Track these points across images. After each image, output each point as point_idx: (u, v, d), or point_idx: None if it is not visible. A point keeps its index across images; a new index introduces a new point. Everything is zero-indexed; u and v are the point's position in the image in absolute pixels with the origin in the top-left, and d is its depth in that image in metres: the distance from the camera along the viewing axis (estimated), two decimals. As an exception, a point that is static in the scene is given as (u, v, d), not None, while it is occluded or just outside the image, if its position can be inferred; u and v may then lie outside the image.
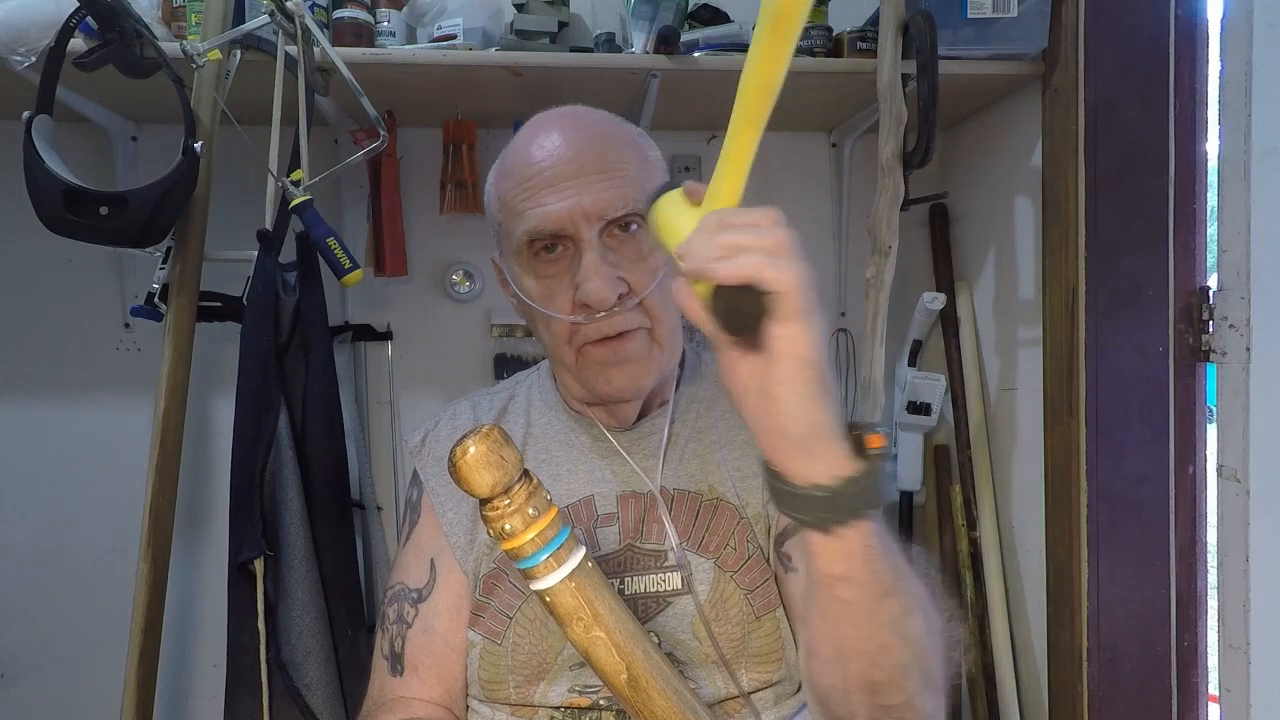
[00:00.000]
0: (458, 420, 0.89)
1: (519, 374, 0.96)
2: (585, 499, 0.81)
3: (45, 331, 1.51)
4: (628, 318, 0.76)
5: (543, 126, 0.79)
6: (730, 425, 0.87)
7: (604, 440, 0.84)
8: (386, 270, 1.46)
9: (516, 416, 0.88)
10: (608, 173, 0.75)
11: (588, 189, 0.74)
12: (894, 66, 1.23)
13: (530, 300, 0.78)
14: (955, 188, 1.56)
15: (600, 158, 0.75)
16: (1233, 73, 1.07)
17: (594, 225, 0.74)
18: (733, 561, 0.79)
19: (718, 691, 0.77)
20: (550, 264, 0.76)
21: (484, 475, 0.56)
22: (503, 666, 0.76)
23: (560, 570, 0.58)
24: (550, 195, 0.74)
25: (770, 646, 0.78)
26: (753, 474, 0.83)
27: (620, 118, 0.82)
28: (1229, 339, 1.10)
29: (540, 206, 0.74)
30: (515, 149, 0.79)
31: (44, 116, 1.08)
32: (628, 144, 0.79)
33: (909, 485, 1.55)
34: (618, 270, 0.75)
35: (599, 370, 0.78)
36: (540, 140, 0.77)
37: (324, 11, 1.27)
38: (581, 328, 0.76)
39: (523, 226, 0.75)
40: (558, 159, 0.75)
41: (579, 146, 0.76)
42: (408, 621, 0.81)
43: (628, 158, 0.77)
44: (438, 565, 0.82)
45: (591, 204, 0.74)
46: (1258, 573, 1.06)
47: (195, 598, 1.54)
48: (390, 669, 0.81)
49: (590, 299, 0.73)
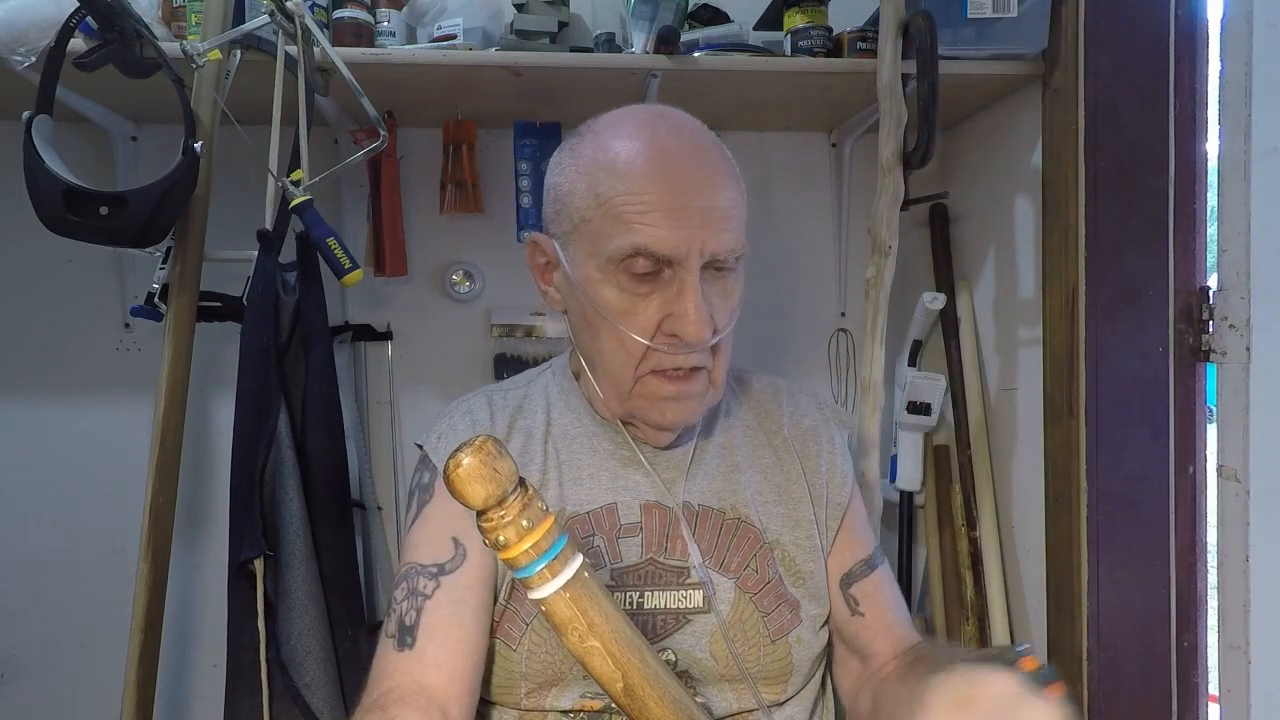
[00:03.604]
0: (475, 415, 0.86)
1: (527, 372, 0.94)
2: (608, 506, 0.80)
3: (45, 331, 1.51)
4: (701, 355, 0.75)
5: (659, 137, 0.74)
6: (754, 446, 0.87)
7: (628, 448, 0.83)
8: (386, 270, 1.46)
9: (534, 413, 0.86)
10: (728, 211, 0.74)
11: (711, 226, 0.72)
12: (894, 66, 1.23)
13: (604, 311, 0.75)
14: (955, 188, 1.56)
15: (722, 193, 0.74)
16: (1233, 73, 1.07)
17: (703, 259, 0.73)
18: (753, 583, 0.79)
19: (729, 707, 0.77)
20: (643, 282, 0.73)
21: (477, 488, 0.56)
22: (515, 673, 0.76)
23: (555, 581, 0.58)
24: (670, 220, 0.71)
25: (781, 670, 0.79)
26: (775, 500, 0.84)
27: (720, 141, 0.79)
28: (1229, 339, 1.10)
29: (657, 228, 0.71)
30: (628, 152, 0.73)
31: (44, 116, 1.08)
32: (733, 176, 0.77)
33: (909, 485, 1.55)
34: (709, 308, 0.74)
35: (654, 402, 0.77)
36: (659, 155, 0.73)
37: (324, 11, 1.27)
38: (656, 355, 0.74)
39: (630, 240, 0.71)
40: (684, 185, 0.72)
41: (704, 176, 0.73)
42: (425, 594, 0.74)
43: (737, 195, 0.76)
44: (464, 543, 0.76)
45: (713, 243, 0.72)
46: (1258, 573, 1.06)
47: (195, 598, 1.54)
48: (397, 643, 0.73)
49: (688, 334, 0.72)
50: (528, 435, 0.84)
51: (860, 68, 1.27)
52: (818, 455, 0.87)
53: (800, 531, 0.83)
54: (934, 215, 1.57)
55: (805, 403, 0.92)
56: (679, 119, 0.78)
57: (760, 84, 1.31)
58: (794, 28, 1.32)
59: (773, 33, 1.39)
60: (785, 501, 0.84)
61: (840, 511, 0.86)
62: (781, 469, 0.86)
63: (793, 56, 1.31)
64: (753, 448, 0.87)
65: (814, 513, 0.84)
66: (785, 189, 1.62)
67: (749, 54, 1.28)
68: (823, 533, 0.84)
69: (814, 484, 0.86)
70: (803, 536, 0.83)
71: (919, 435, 1.55)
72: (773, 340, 1.63)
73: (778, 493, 0.84)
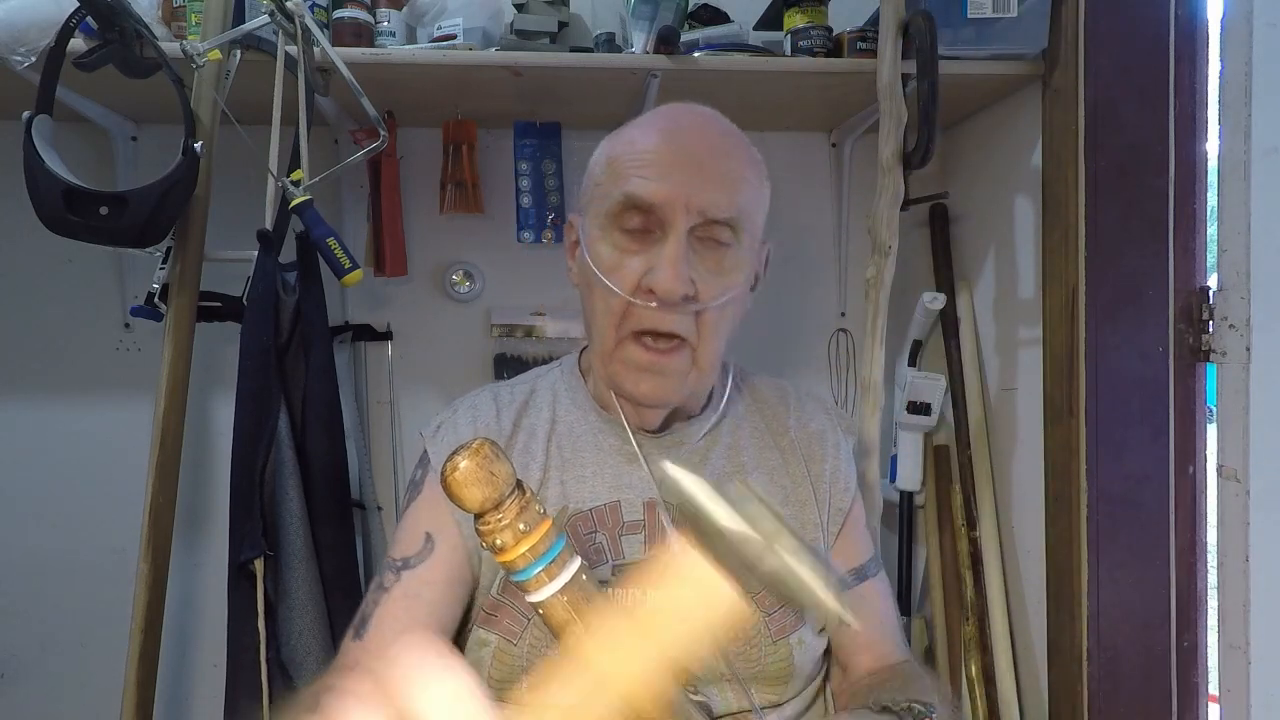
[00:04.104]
0: (479, 410, 0.87)
1: (537, 369, 0.95)
2: (611, 504, 0.81)
3: (45, 331, 1.51)
4: (680, 320, 0.75)
5: (677, 115, 0.80)
6: (761, 448, 0.87)
7: (633, 445, 0.83)
8: (386, 270, 1.46)
9: (540, 410, 0.86)
10: (724, 177, 0.75)
11: (700, 181, 0.74)
12: (894, 66, 1.23)
13: (596, 266, 0.77)
14: (955, 188, 1.56)
15: (722, 160, 0.76)
16: (1233, 73, 1.07)
17: (690, 218, 0.74)
18: None
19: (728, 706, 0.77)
20: (632, 238, 0.76)
21: (473, 491, 0.56)
22: (516, 668, 0.76)
23: (552, 585, 0.58)
24: (661, 173, 0.74)
25: (782, 671, 0.79)
26: (781, 502, 0.84)
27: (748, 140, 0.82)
28: (1229, 339, 1.10)
29: (648, 179, 0.74)
30: (643, 123, 0.80)
31: (44, 116, 1.08)
32: (750, 163, 0.79)
33: (909, 485, 1.55)
34: (693, 271, 0.75)
35: (630, 370, 0.78)
36: (671, 125, 0.78)
37: (324, 11, 1.27)
38: (634, 311, 0.75)
39: (622, 189, 0.75)
40: (682, 145, 0.76)
41: (706, 142, 0.77)
42: (385, 587, 0.77)
43: (746, 174, 0.78)
44: (435, 539, 0.79)
45: (698, 197, 0.74)
46: (1258, 573, 1.06)
47: (195, 598, 1.54)
48: (355, 633, 0.76)
49: (658, 287, 0.73)
50: (531, 432, 0.84)
51: (860, 68, 1.27)
52: (822, 459, 0.87)
53: (805, 534, 0.83)
54: (934, 215, 1.57)
55: (813, 407, 0.92)
56: (708, 111, 0.82)
57: (760, 84, 1.31)
58: (794, 28, 1.32)
59: (773, 33, 1.39)
60: (791, 503, 0.84)
61: (841, 517, 0.86)
62: (787, 471, 0.86)
63: (793, 56, 1.31)
64: (759, 449, 0.87)
65: (818, 516, 0.84)
66: (785, 189, 1.61)
67: (749, 54, 1.28)
68: (825, 535, 0.85)
69: (818, 487, 0.86)
70: (807, 539, 0.83)
71: (919, 435, 1.55)
72: (773, 340, 1.63)
73: (783, 495, 0.85)
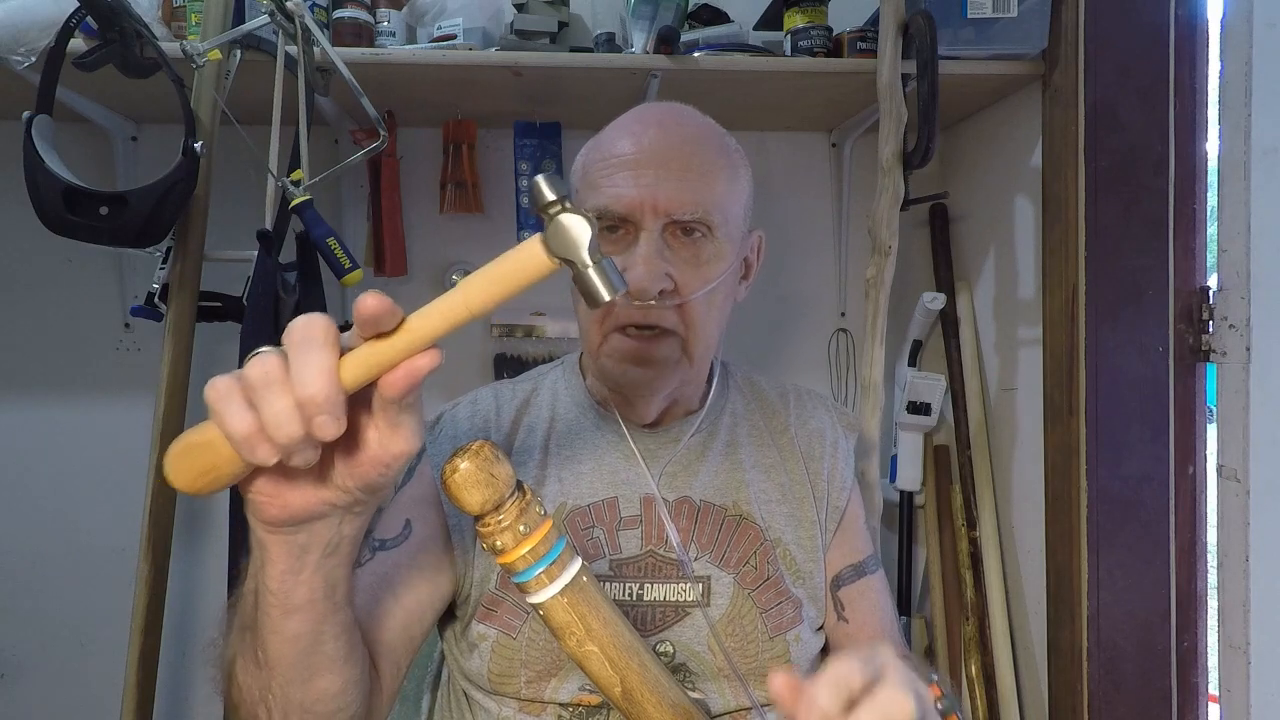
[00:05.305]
0: (479, 405, 0.87)
1: (540, 367, 0.95)
2: (609, 500, 0.81)
3: (45, 331, 1.51)
4: (663, 315, 0.76)
5: (645, 115, 0.81)
6: (758, 445, 0.88)
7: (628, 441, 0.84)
8: (386, 270, 1.46)
9: (540, 409, 0.87)
10: (690, 174, 0.76)
11: (664, 183, 0.75)
12: (894, 66, 1.23)
13: None
14: (955, 188, 1.56)
15: (687, 157, 0.77)
16: (1233, 73, 1.07)
17: (659, 219, 0.75)
18: (752, 579, 0.80)
19: (726, 703, 0.77)
20: (609, 243, 0.77)
21: (473, 493, 0.56)
22: (515, 661, 0.76)
23: (552, 586, 0.58)
24: (628, 179, 0.75)
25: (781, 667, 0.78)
26: (779, 499, 0.85)
27: (724, 130, 0.83)
28: (1229, 339, 1.10)
29: (615, 188, 0.76)
30: (613, 128, 0.81)
31: (44, 116, 1.08)
32: (720, 153, 0.79)
33: (909, 485, 1.55)
34: (668, 266, 0.75)
35: (618, 361, 0.78)
36: (637, 127, 0.79)
37: (324, 11, 1.27)
38: (615, 310, 0.76)
39: (594, 201, 0.77)
40: (645, 148, 0.77)
41: (670, 141, 0.77)
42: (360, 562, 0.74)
43: (716, 166, 0.78)
44: (415, 526, 0.78)
45: (663, 198, 0.75)
46: (1258, 573, 1.06)
47: (195, 598, 1.54)
48: None
49: (632, 286, 0.74)
50: (531, 429, 0.85)
51: (860, 68, 1.27)
52: (821, 457, 0.88)
53: (803, 531, 0.83)
54: (934, 215, 1.57)
55: (814, 405, 0.92)
56: (678, 107, 0.82)
57: (760, 84, 1.31)
58: (794, 28, 1.32)
59: (773, 33, 1.39)
60: (789, 501, 0.85)
61: (838, 514, 0.86)
62: (786, 469, 0.86)
63: (793, 56, 1.31)
64: (758, 447, 0.87)
65: (816, 513, 0.85)
66: (785, 189, 1.62)
67: (749, 54, 1.28)
68: (823, 533, 0.85)
69: (816, 485, 0.86)
70: (805, 536, 0.83)
71: (919, 435, 1.55)
72: (773, 340, 1.63)
73: (781, 492, 0.85)
